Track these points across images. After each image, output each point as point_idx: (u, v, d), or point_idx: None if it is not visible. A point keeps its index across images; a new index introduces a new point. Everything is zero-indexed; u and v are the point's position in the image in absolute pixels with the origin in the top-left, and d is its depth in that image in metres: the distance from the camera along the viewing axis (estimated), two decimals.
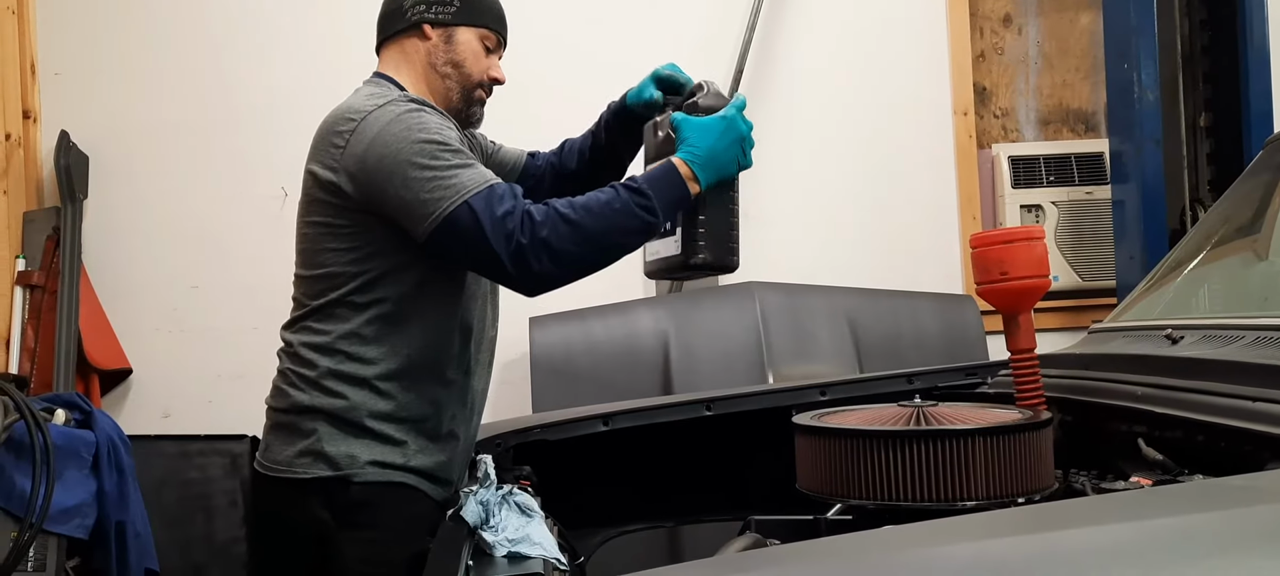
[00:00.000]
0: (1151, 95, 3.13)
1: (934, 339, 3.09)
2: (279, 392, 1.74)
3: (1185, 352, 1.56)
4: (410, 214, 1.59)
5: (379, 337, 1.68)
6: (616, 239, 1.60)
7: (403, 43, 1.81)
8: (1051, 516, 1.00)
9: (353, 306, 1.68)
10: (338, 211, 1.67)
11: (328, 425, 1.67)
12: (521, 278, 1.59)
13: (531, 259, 1.55)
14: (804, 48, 3.56)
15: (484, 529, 1.32)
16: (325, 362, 1.68)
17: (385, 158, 1.60)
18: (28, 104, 3.29)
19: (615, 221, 1.58)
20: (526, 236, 1.55)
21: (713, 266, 1.68)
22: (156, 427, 3.22)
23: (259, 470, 1.75)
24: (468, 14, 1.80)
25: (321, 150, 1.69)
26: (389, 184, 1.59)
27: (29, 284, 3.16)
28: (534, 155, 2.04)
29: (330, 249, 1.68)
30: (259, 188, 3.40)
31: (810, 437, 1.43)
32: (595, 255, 1.60)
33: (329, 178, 1.66)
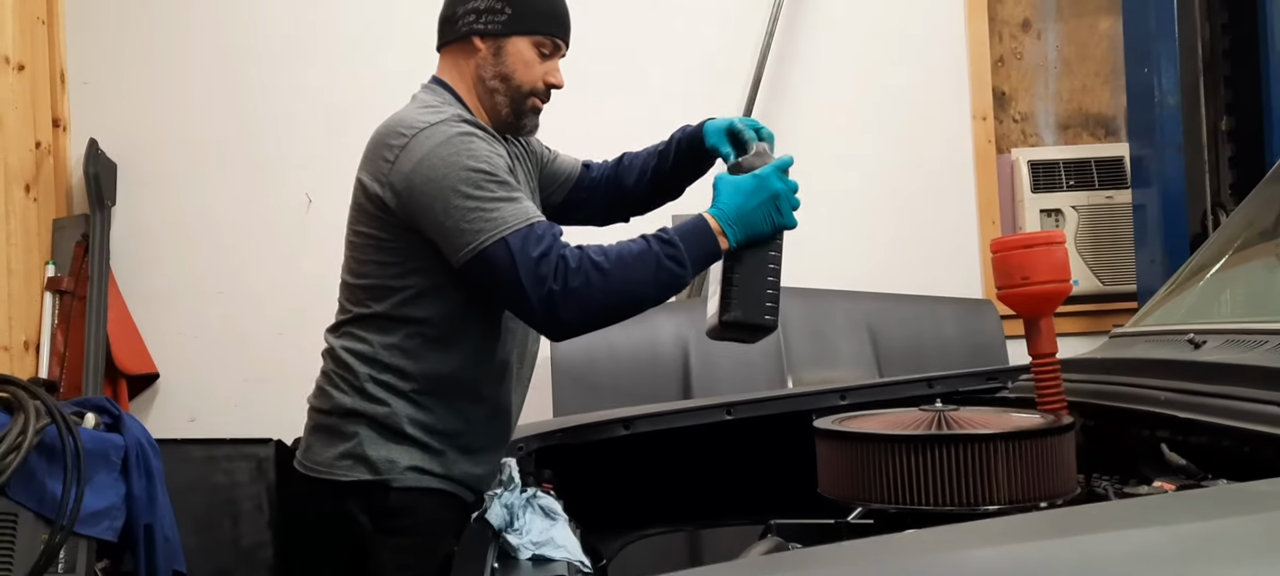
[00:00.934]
0: (1172, 99, 3.12)
1: (953, 344, 3.08)
2: (322, 393, 1.76)
3: (1208, 357, 1.56)
4: (448, 241, 1.60)
5: (419, 353, 1.69)
6: (646, 292, 1.60)
7: (455, 52, 1.79)
8: (1075, 521, 1.00)
9: (395, 320, 1.69)
10: (383, 225, 1.67)
11: (369, 429, 1.69)
12: (547, 324, 1.60)
13: (561, 308, 1.56)
14: (822, 53, 3.57)
15: (509, 531, 1.33)
16: (367, 370, 1.70)
17: (431, 180, 1.60)
18: (57, 112, 3.34)
19: (646, 274, 1.58)
20: (559, 284, 1.55)
21: (744, 325, 1.65)
22: (183, 432, 3.25)
23: (299, 469, 1.76)
24: (519, 22, 1.74)
25: (372, 161, 1.69)
26: (431, 208, 1.60)
27: (59, 289, 3.20)
28: (588, 166, 2.02)
29: (374, 260, 1.69)
30: (283, 194, 3.43)
31: (832, 442, 1.44)
32: (623, 307, 1.61)
33: (376, 190, 1.66)
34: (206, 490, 2.85)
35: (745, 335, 1.70)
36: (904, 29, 3.59)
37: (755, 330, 1.67)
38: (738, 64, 3.50)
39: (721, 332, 1.70)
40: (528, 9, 1.75)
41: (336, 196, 3.40)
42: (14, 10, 3.09)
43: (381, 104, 3.44)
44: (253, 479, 2.87)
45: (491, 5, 1.74)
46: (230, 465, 2.87)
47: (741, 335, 1.70)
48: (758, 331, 1.67)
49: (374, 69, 3.49)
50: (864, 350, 3.05)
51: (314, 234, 3.44)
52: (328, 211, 3.45)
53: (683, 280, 1.61)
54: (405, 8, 3.50)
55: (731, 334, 1.70)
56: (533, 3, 1.76)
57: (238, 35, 3.45)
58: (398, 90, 3.43)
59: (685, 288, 1.66)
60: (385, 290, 1.69)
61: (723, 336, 1.70)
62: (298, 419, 2.96)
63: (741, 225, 1.63)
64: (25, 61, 3.15)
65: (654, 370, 3.03)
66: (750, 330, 1.67)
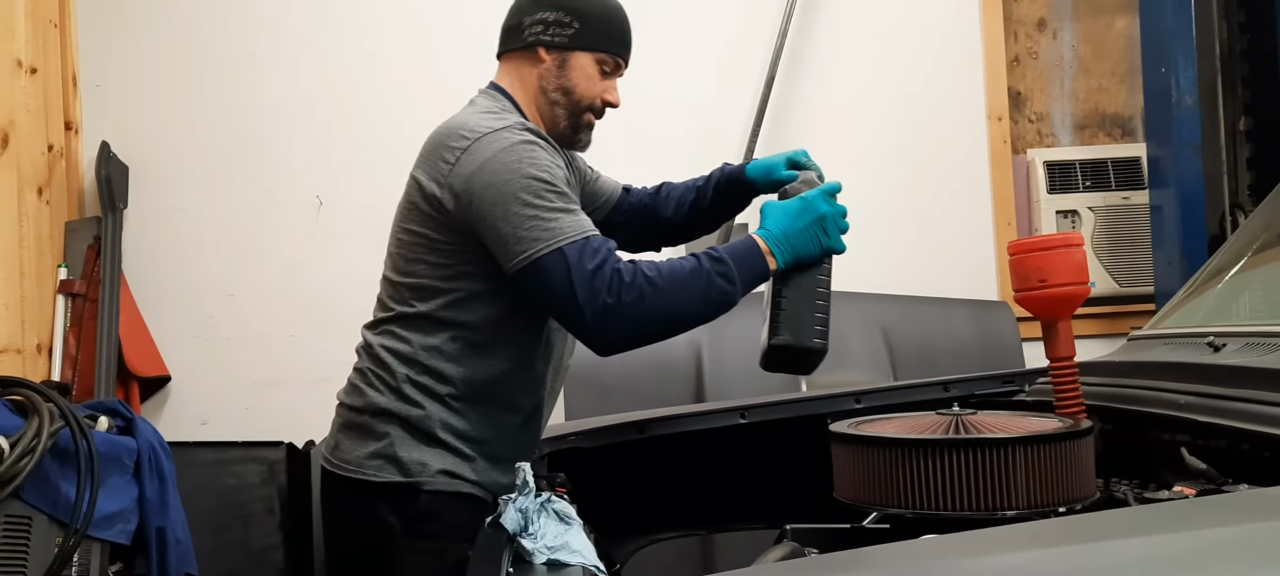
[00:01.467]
0: (1190, 99, 3.10)
1: (969, 346, 3.07)
2: (355, 390, 1.75)
3: (1228, 360, 1.54)
4: (504, 247, 1.59)
5: (459, 357, 1.68)
6: (696, 309, 1.59)
7: (518, 61, 1.80)
8: (1095, 527, 0.99)
9: (438, 322, 1.68)
10: (437, 226, 1.67)
11: (401, 430, 1.68)
12: (598, 337, 1.58)
13: (613, 322, 1.55)
14: (837, 53, 3.55)
15: (523, 536, 1.32)
16: (404, 370, 1.69)
17: (492, 185, 1.59)
18: (69, 115, 3.35)
19: (696, 292, 1.58)
20: (613, 298, 1.54)
21: (793, 349, 1.63)
22: (194, 434, 3.26)
23: (326, 466, 1.76)
24: (586, 38, 1.76)
25: (430, 161, 1.69)
26: (490, 212, 1.59)
27: (71, 292, 3.20)
28: (628, 190, 2.03)
29: (424, 260, 1.69)
30: (294, 196, 3.43)
31: (848, 446, 1.43)
32: (672, 325, 1.60)
33: (433, 191, 1.66)
34: (217, 492, 2.85)
35: (795, 361, 1.67)
36: (918, 28, 3.57)
37: (804, 354, 1.64)
38: (750, 66, 3.48)
39: (772, 360, 1.67)
40: (594, 26, 1.77)
41: (347, 199, 3.45)
42: (27, 14, 3.09)
43: (392, 107, 3.48)
44: (263, 481, 2.87)
45: (560, 18, 1.75)
46: (241, 468, 2.88)
47: (792, 361, 1.67)
48: (807, 355, 1.65)
49: (384, 73, 3.49)
50: (878, 352, 3.03)
51: (324, 236, 3.44)
52: (338, 214, 3.46)
53: (732, 298, 1.60)
54: (415, 13, 3.50)
55: (782, 361, 1.67)
56: (599, 20, 1.78)
57: (249, 38, 3.46)
58: (407, 94, 3.46)
59: (731, 306, 1.64)
60: (432, 290, 1.68)
61: (774, 365, 1.68)
62: (308, 421, 2.99)
63: (788, 246, 1.62)
64: (38, 65, 3.16)
65: (667, 373, 3.02)
66: (799, 354, 1.65)
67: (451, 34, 3.49)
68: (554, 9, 1.75)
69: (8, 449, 1.84)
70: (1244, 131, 3.18)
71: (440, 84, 3.46)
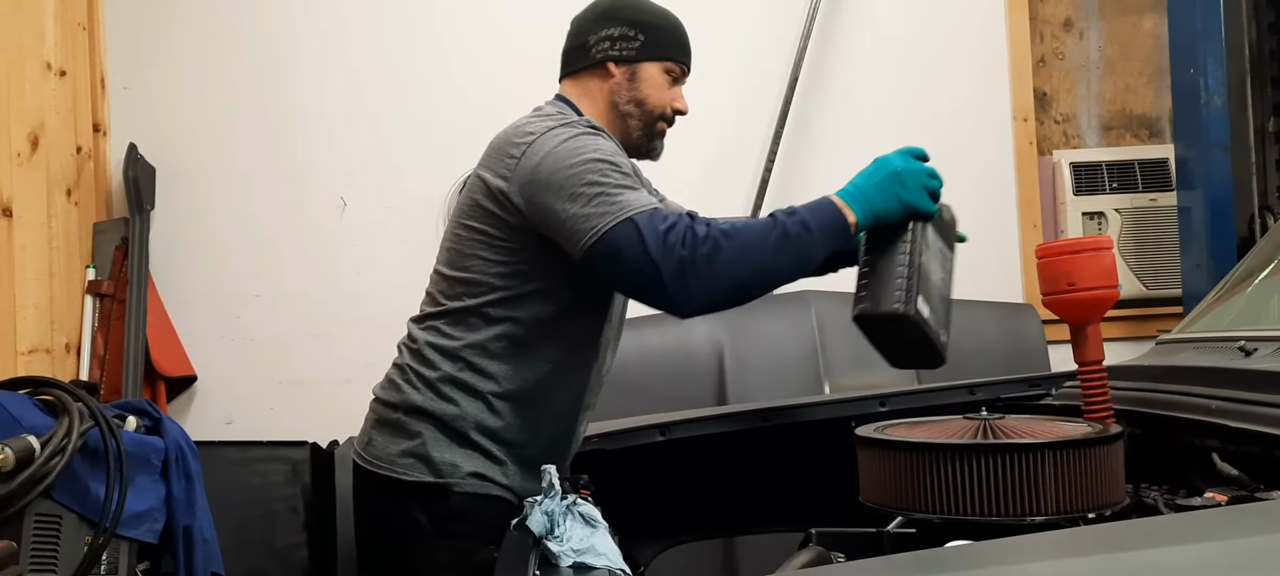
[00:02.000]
0: (1218, 100, 3.07)
1: (994, 348, 3.04)
2: (392, 386, 1.75)
3: (1260, 365, 1.52)
4: (573, 227, 1.57)
5: (505, 356, 1.69)
6: (776, 260, 1.55)
7: (586, 79, 1.82)
8: (1126, 535, 0.98)
9: (487, 319, 1.69)
10: (499, 223, 1.67)
11: (434, 430, 1.69)
12: (679, 294, 1.54)
13: (692, 277, 1.51)
14: (861, 53, 3.54)
15: (549, 539, 1.32)
16: (446, 367, 1.69)
17: (557, 171, 1.60)
18: (98, 117, 3.38)
19: (774, 241, 1.54)
20: (688, 251, 1.51)
21: (872, 319, 1.54)
22: (220, 434, 3.28)
23: (358, 461, 1.76)
24: (653, 48, 1.80)
25: (495, 159, 1.70)
26: (557, 197, 1.59)
27: (99, 293, 3.23)
28: (694, 216, 2.02)
29: (480, 256, 1.69)
30: (319, 197, 3.45)
31: (875, 450, 1.42)
32: (754, 279, 1.56)
33: (499, 185, 1.67)
34: (242, 492, 2.87)
35: (884, 333, 1.55)
36: (942, 30, 3.55)
37: (888, 322, 1.52)
38: (773, 66, 3.47)
39: (868, 332, 1.57)
40: (659, 36, 1.82)
41: (370, 200, 3.47)
42: (56, 17, 3.13)
43: (415, 109, 3.50)
44: (288, 481, 2.89)
45: (625, 33, 1.80)
46: (265, 467, 2.90)
47: (883, 334, 1.56)
48: (892, 324, 1.51)
49: (408, 75, 3.50)
50: None
51: (349, 237, 3.46)
52: (362, 215, 3.47)
53: (811, 248, 1.55)
54: (439, 14, 3.51)
55: (875, 334, 1.57)
56: (663, 31, 1.83)
57: (274, 40, 3.48)
58: (430, 95, 3.47)
59: (814, 266, 1.58)
60: (484, 286, 1.69)
61: (874, 338, 1.58)
62: (333, 421, 3.00)
63: (864, 201, 1.58)
64: (67, 67, 3.19)
65: (688, 374, 3.01)
66: (883, 323, 1.53)
67: (476, 36, 3.50)
68: (619, 24, 1.80)
69: (38, 448, 1.86)
70: (1273, 132, 3.14)
71: (464, 85, 3.48)
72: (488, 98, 3.45)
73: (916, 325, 1.51)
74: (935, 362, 1.56)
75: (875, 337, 1.58)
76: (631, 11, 1.82)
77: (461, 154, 3.43)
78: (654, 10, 1.85)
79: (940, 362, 1.56)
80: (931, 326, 1.52)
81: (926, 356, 1.55)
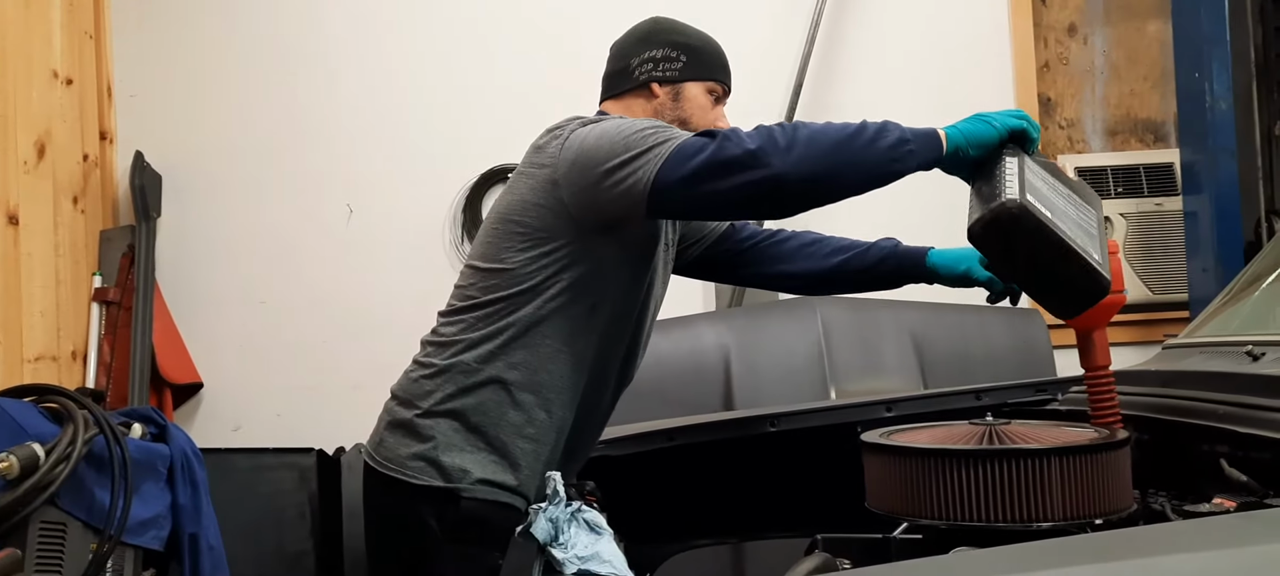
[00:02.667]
0: (1224, 104, 3.06)
1: (1001, 354, 3.04)
2: (409, 383, 1.75)
3: (1268, 370, 1.51)
4: (630, 173, 1.56)
5: (533, 349, 1.69)
6: (860, 140, 1.50)
7: (629, 100, 1.84)
8: (1135, 542, 0.97)
9: (518, 311, 1.69)
10: (540, 214, 1.68)
11: (449, 431, 1.68)
12: (771, 151, 1.47)
13: (780, 137, 1.48)
14: (865, 59, 3.54)
15: (553, 546, 1.33)
16: (467, 357, 1.69)
17: (604, 137, 1.62)
18: (104, 125, 3.39)
19: (857, 128, 1.50)
20: (764, 132, 1.50)
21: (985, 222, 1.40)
22: (227, 441, 3.29)
23: (369, 462, 1.76)
24: (695, 69, 1.83)
25: (536, 151, 1.73)
26: (608, 158, 1.59)
27: (105, 300, 3.24)
28: (735, 226, 2.01)
29: (517, 249, 1.69)
30: (326, 204, 3.46)
31: (881, 456, 1.42)
32: (841, 153, 1.49)
33: (542, 175, 1.67)
34: (250, 499, 2.87)
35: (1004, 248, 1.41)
36: (947, 34, 3.55)
37: (1000, 225, 1.38)
38: (778, 71, 3.47)
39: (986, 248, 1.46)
40: (701, 57, 1.85)
41: (377, 207, 3.48)
42: (63, 25, 3.14)
43: (423, 116, 3.50)
44: (295, 488, 2.89)
45: (667, 54, 1.83)
46: (273, 474, 2.89)
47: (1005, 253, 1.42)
48: (1005, 226, 1.38)
49: (415, 83, 3.51)
50: (909, 360, 3.01)
51: (355, 245, 3.46)
52: (368, 223, 3.48)
53: (897, 145, 1.50)
54: (444, 23, 3.52)
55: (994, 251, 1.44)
56: (705, 52, 1.86)
57: (281, 49, 3.49)
58: (437, 103, 3.48)
59: (909, 165, 1.52)
60: (518, 278, 1.69)
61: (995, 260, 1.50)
62: (340, 427, 3.00)
63: (953, 128, 1.56)
64: (73, 76, 3.20)
65: (695, 379, 3.01)
66: (997, 228, 1.39)
67: (482, 44, 3.50)
68: (661, 46, 1.83)
69: (43, 456, 1.87)
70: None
71: (470, 92, 3.49)
72: (495, 105, 3.45)
73: (1035, 219, 1.35)
74: (1090, 284, 1.38)
75: (1004, 262, 1.46)
76: (673, 34, 1.86)
77: (469, 162, 3.46)
78: (694, 33, 1.89)
79: (1100, 284, 1.38)
80: (1057, 227, 1.36)
81: (1074, 273, 1.37)
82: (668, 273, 1.88)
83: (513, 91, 3.44)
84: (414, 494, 1.68)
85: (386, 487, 1.72)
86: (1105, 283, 1.39)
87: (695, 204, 1.59)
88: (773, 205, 1.59)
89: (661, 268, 1.83)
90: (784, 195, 1.52)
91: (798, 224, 2.04)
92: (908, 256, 1.91)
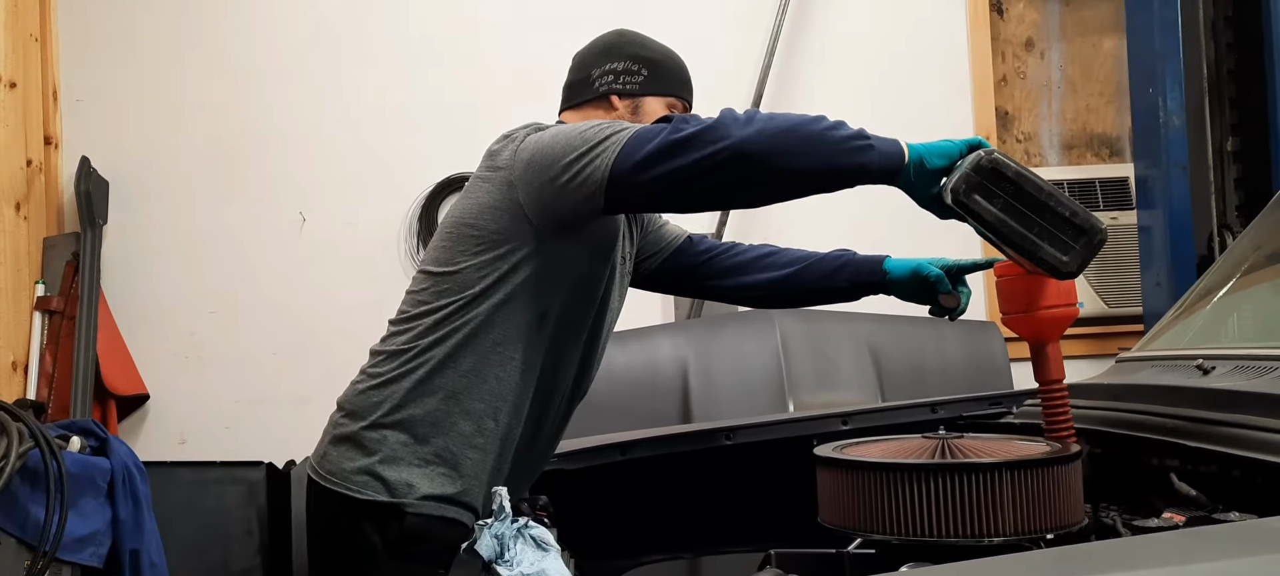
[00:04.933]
0: (1178, 120, 3.09)
1: (957, 367, 3.05)
2: (357, 395, 1.71)
3: (1217, 384, 1.52)
4: (586, 164, 1.55)
5: (485, 357, 1.66)
6: (819, 127, 1.48)
7: (588, 111, 1.82)
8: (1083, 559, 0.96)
9: (470, 317, 1.66)
10: (495, 215, 1.66)
11: (395, 443, 1.65)
12: (731, 122, 1.47)
13: (731, 120, 1.47)
14: (824, 72, 3.55)
15: (499, 563, 1.29)
16: (422, 368, 1.66)
17: (558, 136, 1.61)
18: (49, 130, 3.32)
19: (817, 118, 1.49)
20: (722, 112, 1.49)
21: (964, 179, 1.42)
22: (173, 454, 3.22)
23: (313, 476, 1.72)
24: (656, 83, 1.83)
25: (490, 156, 1.71)
26: (565, 153, 1.57)
27: (48, 309, 3.17)
28: (691, 238, 2.00)
29: (472, 254, 1.67)
30: (278, 214, 3.41)
31: (832, 470, 1.40)
32: (799, 134, 1.47)
33: (502, 176, 1.65)
34: (196, 514, 2.81)
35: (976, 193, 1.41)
36: (906, 48, 3.57)
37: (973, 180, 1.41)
38: (737, 86, 3.47)
39: (969, 213, 1.45)
40: (663, 73, 1.85)
41: (330, 215, 3.43)
42: (6, 27, 3.07)
43: (377, 125, 3.46)
44: (243, 503, 2.83)
45: (629, 67, 1.82)
46: (221, 488, 2.83)
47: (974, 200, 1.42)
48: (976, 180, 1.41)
49: (370, 90, 3.47)
50: (866, 372, 3.01)
51: (307, 254, 3.41)
52: (322, 231, 3.43)
53: (857, 140, 1.48)
54: (399, 28, 3.48)
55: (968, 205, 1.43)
56: (666, 67, 1.86)
57: (232, 53, 3.43)
58: (393, 110, 3.44)
59: (868, 158, 1.48)
60: (471, 284, 1.66)
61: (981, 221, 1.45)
62: (289, 441, 2.94)
63: (919, 144, 1.52)
64: (17, 79, 3.13)
65: (652, 391, 2.99)
66: (968, 182, 1.41)
67: (439, 52, 3.47)
68: (623, 59, 1.83)
69: None
70: (1232, 151, 3.18)
71: (427, 100, 3.45)
72: (453, 114, 3.42)
73: (1013, 165, 1.40)
74: (1086, 225, 1.41)
75: (990, 223, 1.43)
76: (635, 48, 1.85)
77: (425, 170, 3.42)
78: (658, 47, 1.88)
79: (1094, 225, 1.41)
80: (1017, 166, 1.40)
81: (1065, 218, 1.40)
82: (624, 286, 1.86)
83: (470, 100, 3.41)
84: (358, 509, 1.65)
85: (330, 502, 1.68)
86: (1098, 225, 1.41)
87: (655, 188, 1.54)
88: (735, 181, 1.50)
89: (618, 280, 1.81)
90: (747, 170, 1.47)
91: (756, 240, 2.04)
92: (864, 264, 1.91)
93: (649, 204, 1.73)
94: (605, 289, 1.76)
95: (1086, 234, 1.42)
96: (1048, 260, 1.42)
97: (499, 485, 1.65)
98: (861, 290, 1.92)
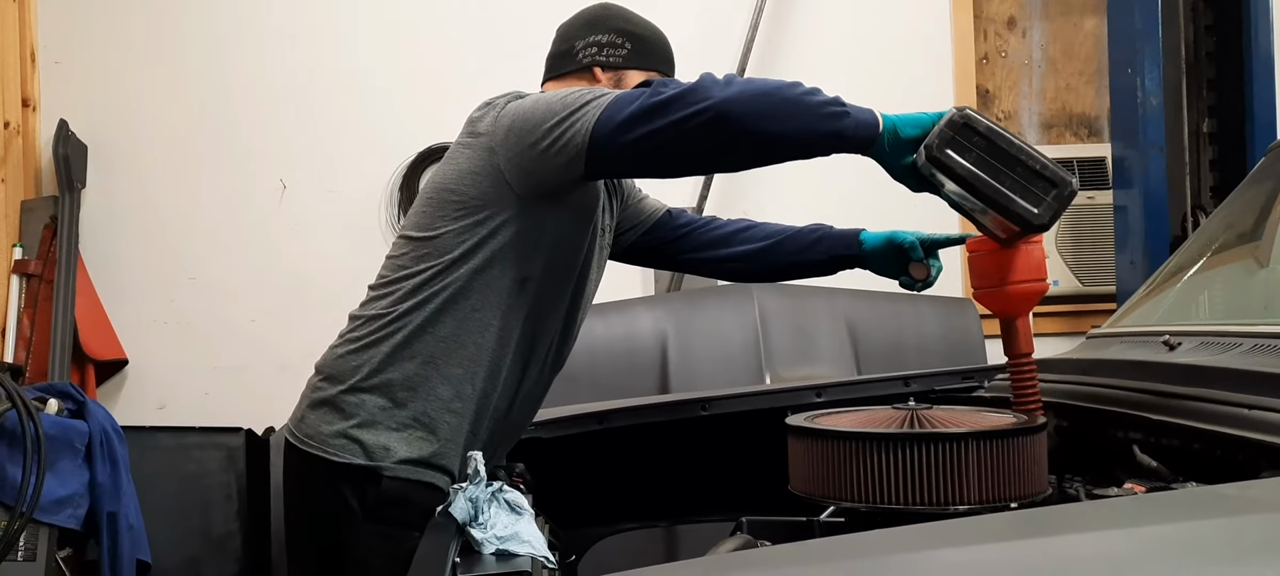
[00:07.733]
0: (1155, 100, 3.12)
1: (934, 342, 3.08)
2: (336, 359, 1.71)
3: (1182, 359, 1.55)
4: (567, 128, 1.55)
5: (465, 321, 1.66)
6: (797, 91, 1.49)
7: (570, 82, 1.82)
8: (1043, 522, 0.99)
9: (450, 282, 1.66)
10: (475, 181, 1.66)
11: (373, 407, 1.66)
12: (711, 85, 1.48)
13: (711, 82, 1.48)
14: (806, 51, 3.55)
15: (472, 526, 1.31)
16: (401, 332, 1.66)
17: (539, 103, 1.61)
18: (27, 92, 3.29)
19: (794, 84, 1.50)
20: (701, 75, 1.49)
21: (939, 136, 1.44)
22: (152, 419, 3.22)
23: (290, 439, 1.73)
24: (639, 58, 1.82)
25: (469, 125, 1.71)
26: (546, 119, 1.58)
27: (26, 273, 3.15)
28: (671, 212, 2.01)
29: (449, 218, 1.67)
30: (258, 180, 3.40)
31: (802, 439, 1.42)
32: (778, 97, 1.48)
33: (483, 142, 1.66)
34: (176, 479, 2.81)
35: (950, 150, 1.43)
36: (888, 25, 3.58)
37: (946, 136, 1.44)
38: (718, 63, 3.47)
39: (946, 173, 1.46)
40: (647, 47, 1.84)
41: (312, 183, 3.42)
42: None
43: (359, 92, 3.44)
44: (223, 468, 2.84)
45: (613, 40, 1.82)
46: (200, 454, 2.84)
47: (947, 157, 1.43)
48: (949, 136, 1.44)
49: (352, 58, 3.45)
50: (844, 348, 3.04)
51: (288, 222, 3.40)
52: (302, 199, 3.42)
53: (834, 106, 1.49)
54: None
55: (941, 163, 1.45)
56: (650, 41, 1.86)
57: (213, 18, 3.41)
58: (376, 78, 3.42)
59: (844, 125, 1.48)
60: (443, 246, 1.67)
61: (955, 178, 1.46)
62: (268, 407, 2.95)
63: (895, 118, 1.53)
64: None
65: (631, 363, 3.01)
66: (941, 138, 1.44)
67: (421, 20, 3.46)
68: (607, 32, 1.82)
69: None
70: (1208, 134, 3.21)
71: (410, 68, 3.44)
72: (435, 83, 3.41)
73: (986, 121, 1.43)
74: (1057, 178, 1.41)
75: (963, 180, 1.44)
76: (620, 21, 1.85)
77: (407, 139, 3.42)
78: (642, 22, 1.87)
79: (1066, 179, 1.42)
80: (988, 121, 1.43)
81: (1037, 170, 1.42)
82: (604, 257, 1.87)
83: (452, 69, 3.40)
84: (335, 472, 1.66)
85: (307, 465, 1.69)
86: (1069, 178, 1.42)
87: (636, 151, 1.54)
88: (715, 143, 1.51)
89: (598, 250, 1.82)
90: (725, 131, 1.48)
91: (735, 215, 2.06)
92: (841, 237, 1.92)
93: (629, 167, 1.74)
94: (585, 257, 1.77)
95: (1057, 187, 1.43)
96: (1019, 212, 1.43)
97: (475, 450, 1.67)
98: (838, 263, 1.94)
